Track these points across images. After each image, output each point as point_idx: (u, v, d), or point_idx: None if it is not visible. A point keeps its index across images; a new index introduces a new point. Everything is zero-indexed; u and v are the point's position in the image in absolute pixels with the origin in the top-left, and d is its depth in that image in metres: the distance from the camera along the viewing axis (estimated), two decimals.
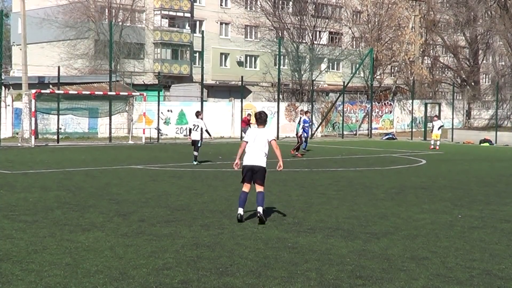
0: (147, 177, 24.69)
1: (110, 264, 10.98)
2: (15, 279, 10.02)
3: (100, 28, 76.32)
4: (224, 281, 9.99)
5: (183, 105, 58.34)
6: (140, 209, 16.81)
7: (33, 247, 12.28)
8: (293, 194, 20.49)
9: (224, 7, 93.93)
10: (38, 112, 48.30)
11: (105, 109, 52.74)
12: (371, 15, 76.04)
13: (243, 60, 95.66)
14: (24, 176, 25.25)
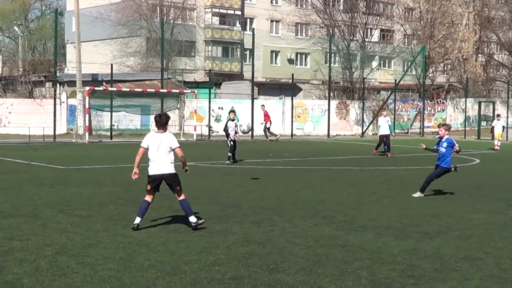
0: (198, 174, 24.78)
1: (163, 259, 11.10)
2: (71, 272, 10.17)
3: (152, 26, 76.70)
4: (275, 278, 10.03)
5: (233, 102, 58.27)
6: (192, 206, 16.89)
7: (87, 241, 12.44)
8: (344, 192, 20.45)
9: (275, 5, 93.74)
10: (92, 109, 48.72)
11: (157, 106, 52.96)
12: (423, 12, 74.74)
13: (293, 57, 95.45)
14: (78, 171, 25.53)
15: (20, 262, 10.75)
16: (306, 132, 59.19)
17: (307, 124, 60.15)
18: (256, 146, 42.86)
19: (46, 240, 12.45)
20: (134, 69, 75.82)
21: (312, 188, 21.33)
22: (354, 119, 63.15)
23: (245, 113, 55.25)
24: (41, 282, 9.61)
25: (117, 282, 9.65)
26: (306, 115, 60.53)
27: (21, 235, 12.95)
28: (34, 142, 42.82)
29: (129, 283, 9.64)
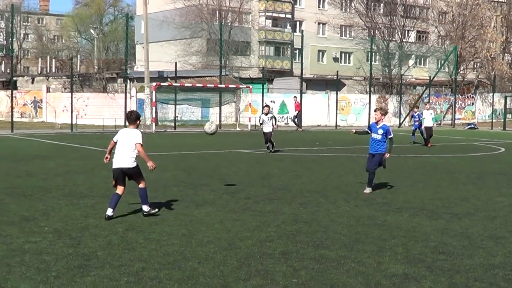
0: (252, 160, 24.85)
1: (220, 235, 11.16)
2: (139, 246, 10.28)
3: (212, 28, 76.98)
4: (320, 253, 10.04)
5: (284, 96, 58.30)
6: (246, 188, 16.95)
7: (153, 219, 12.54)
8: (382, 177, 20.32)
9: (322, 9, 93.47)
10: (158, 102, 49.05)
11: (215, 100, 53.22)
12: (455, 15, 75.07)
13: (338, 56, 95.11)
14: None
15: (95, 237, 10.89)
16: (349, 123, 58.97)
17: (350, 116, 59.96)
18: (304, 135, 42.78)
19: (117, 218, 12.58)
20: (196, 66, 76.16)
21: (354, 173, 21.26)
22: (392, 112, 62.71)
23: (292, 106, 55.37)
24: (113, 255, 9.72)
25: (179, 256, 9.73)
26: (349, 108, 60.35)
27: (95, 213, 13.11)
28: (107, 132, 43.18)
29: (190, 256, 9.70)
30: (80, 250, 9.98)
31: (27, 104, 57.99)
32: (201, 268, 9.08)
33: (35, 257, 9.51)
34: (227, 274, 8.81)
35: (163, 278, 8.54)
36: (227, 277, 8.65)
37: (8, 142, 33.32)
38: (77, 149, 29.36)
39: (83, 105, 52.70)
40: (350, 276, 8.82)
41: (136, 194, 15.11)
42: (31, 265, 9.08)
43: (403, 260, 9.73)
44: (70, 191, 15.69)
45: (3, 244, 10.29)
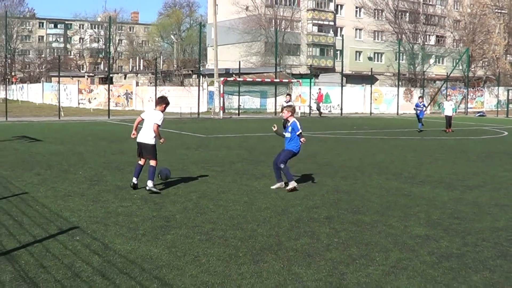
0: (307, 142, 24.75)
1: (275, 203, 11.14)
2: (209, 211, 10.33)
3: (269, 33, 76.83)
4: (357, 218, 9.98)
5: (328, 89, 57.96)
6: (296, 164, 16.88)
7: (221, 189, 12.58)
8: (408, 155, 20.13)
9: (358, 17, 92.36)
10: (225, 94, 49.20)
11: (271, 92, 53.21)
12: (467, 23, 76.65)
13: (372, 56, 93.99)
14: (215, 139, 25.81)
15: (173, 203, 10.96)
16: (381, 111, 58.48)
17: (381, 105, 59.39)
18: (344, 121, 42.51)
19: (192, 188, 12.65)
20: (255, 64, 76.14)
21: (385, 152, 21.05)
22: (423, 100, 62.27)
23: (337, 96, 55.18)
24: (188, 217, 9.78)
25: (242, 219, 9.74)
26: (381, 98, 59.78)
27: (174, 184, 13.19)
28: (184, 118, 43.47)
29: (250, 219, 9.71)
30: (162, 214, 10.06)
31: (120, 96, 58.63)
32: (260, 229, 9.08)
33: (126, 219, 9.62)
34: (280, 234, 8.80)
35: (228, 237, 8.56)
36: (280, 237, 8.64)
37: (106, 126, 33.76)
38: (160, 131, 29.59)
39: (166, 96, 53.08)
40: (381, 237, 8.76)
41: (207, 168, 15.19)
42: (123, 225, 9.19)
43: (424, 224, 9.63)
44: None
45: (102, 208, 10.44)
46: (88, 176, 14.07)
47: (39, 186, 12.63)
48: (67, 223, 9.22)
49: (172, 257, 7.52)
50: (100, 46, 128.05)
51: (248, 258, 7.56)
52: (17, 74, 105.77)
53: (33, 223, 9.20)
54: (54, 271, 6.87)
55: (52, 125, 33.90)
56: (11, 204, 10.63)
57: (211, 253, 7.72)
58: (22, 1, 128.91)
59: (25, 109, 53.94)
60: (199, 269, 7.07)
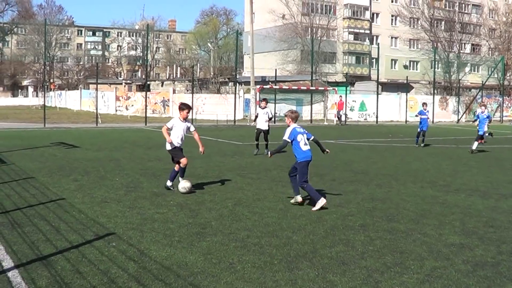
0: (337, 149, 24.64)
1: (310, 210, 11.10)
2: (245, 218, 10.34)
3: (305, 41, 76.80)
4: (392, 226, 9.91)
5: (363, 97, 57.89)
6: (332, 172, 16.85)
7: (257, 196, 12.59)
8: (443, 163, 19.94)
9: (394, 26, 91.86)
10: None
11: (307, 99, 53.24)
12: (502, 31, 76.78)
13: (407, 64, 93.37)
14: (251, 146, 25.80)
15: (209, 210, 11.00)
16: (416, 120, 58.07)
17: None
18: (380, 129, 42.24)
19: (227, 195, 12.68)
20: (292, 72, 76.18)
21: (420, 160, 20.88)
22: (452, 110, 61.79)
23: (372, 104, 54.92)
24: (223, 224, 9.80)
25: (277, 226, 9.73)
26: (417, 107, 59.13)
27: (210, 191, 13.24)
28: (220, 125, 43.65)
29: (285, 227, 9.70)
30: (197, 220, 10.10)
31: (157, 103, 59.09)
32: (295, 236, 9.07)
33: (162, 225, 9.68)
34: (315, 241, 8.78)
35: (264, 244, 8.56)
36: (315, 244, 8.61)
37: (143, 133, 34.05)
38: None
39: (201, 103, 53.42)
40: (416, 245, 8.69)
41: (243, 175, 15.23)
42: (159, 231, 9.24)
43: (459, 232, 9.54)
44: (190, 173, 15.82)
45: (138, 214, 10.51)
46: (124, 183, 14.19)
47: (76, 192, 12.78)
48: (104, 229, 9.31)
49: (207, 264, 7.54)
50: (137, 54, 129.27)
51: (283, 265, 7.55)
52: (56, 81, 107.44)
53: (70, 228, 9.31)
54: (90, 277, 6.94)
55: (89, 132, 34.30)
56: (48, 210, 10.77)
57: (246, 260, 7.73)
58: (61, 9, 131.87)
59: (63, 116, 54.69)
60: (234, 276, 7.08)
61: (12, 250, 8.00)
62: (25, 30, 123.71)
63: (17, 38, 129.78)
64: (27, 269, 7.20)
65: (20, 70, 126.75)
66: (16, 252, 7.91)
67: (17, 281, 6.75)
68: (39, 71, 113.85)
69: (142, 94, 56.26)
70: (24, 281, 6.74)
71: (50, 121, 41.91)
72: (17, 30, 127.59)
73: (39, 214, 10.35)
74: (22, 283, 6.68)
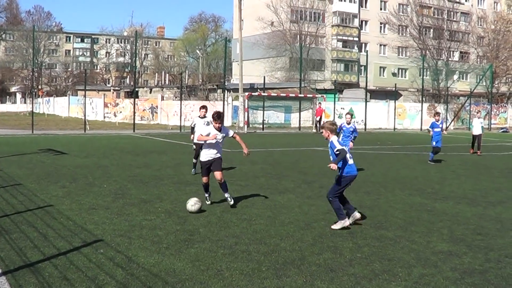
0: (326, 156, 24.57)
1: (298, 217, 11.13)
2: (233, 225, 10.34)
3: (293, 49, 77.03)
4: (380, 233, 9.94)
5: (352, 104, 57.99)
6: (320, 179, 16.89)
7: (245, 203, 12.60)
8: (431, 171, 20.02)
9: (383, 33, 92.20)
10: (250, 108, 49.30)
11: (296, 107, 53.28)
12: (491, 39, 77.69)
13: (396, 71, 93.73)
14: (239, 153, 25.79)
15: (197, 217, 10.99)
16: (404, 127, 58.37)
17: (405, 121, 59.26)
18: (368, 136, 42.33)
19: (215, 202, 12.67)
20: (280, 79, 76.31)
21: (408, 168, 20.96)
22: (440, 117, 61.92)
23: (361, 112, 55.08)
24: (211, 231, 9.80)
25: (265, 233, 9.74)
26: (405, 114, 59.65)
27: (198, 197, 13.20)
28: None
29: (274, 234, 9.71)
30: (185, 227, 10.09)
31: (145, 110, 59.00)
32: (283, 243, 9.08)
33: (150, 232, 9.67)
34: (304, 249, 8.79)
35: (252, 251, 8.56)
36: (304, 251, 8.63)
37: (131, 139, 33.97)
38: (185, 146, 29.67)
39: (190, 110, 53.27)
40: (404, 252, 8.72)
41: (231, 182, 15.20)
42: (147, 238, 9.23)
43: (447, 240, 9.60)
44: (179, 180, 15.88)
45: (126, 221, 10.49)
46: (112, 190, 14.16)
47: (64, 198, 12.74)
48: (92, 236, 9.29)
49: (195, 271, 7.54)
50: (126, 60, 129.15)
51: (271, 272, 7.56)
52: (44, 88, 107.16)
53: (58, 235, 9.28)
54: (78, 284, 6.92)
55: (77, 139, 34.18)
56: (36, 216, 10.73)
57: (234, 267, 7.73)
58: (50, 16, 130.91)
59: (51, 122, 54.49)
60: (222, 283, 7.08)
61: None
62: (13, 36, 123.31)
63: (5, 45, 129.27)
64: (15, 275, 7.19)
65: (8, 77, 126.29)
66: (4, 259, 7.89)
67: (4, 287, 6.72)
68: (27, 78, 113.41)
69: (131, 100, 56.12)
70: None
71: (38, 128, 41.74)
72: (5, 37, 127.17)
73: (26, 220, 10.31)
74: None
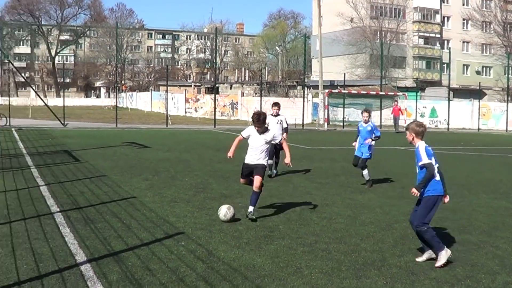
0: (408, 156, 24.26)
1: (379, 218, 10.99)
2: (313, 223, 10.30)
3: (374, 45, 76.34)
4: (463, 237, 9.69)
5: (434, 103, 56.98)
6: (401, 179, 16.64)
7: (325, 201, 12.53)
8: None
9: (466, 30, 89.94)
10: (330, 106, 49.14)
11: (377, 104, 52.73)
12: None
13: (480, 70, 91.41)
14: (319, 151, 25.77)
15: (277, 213, 11.00)
16: (489, 127, 56.75)
17: (490, 121, 57.63)
18: (451, 136, 41.45)
19: (295, 199, 12.66)
20: (360, 77, 75.72)
21: (493, 170, 20.38)
22: None
23: (444, 111, 54.02)
24: (291, 228, 9.79)
25: (345, 232, 9.66)
26: (489, 114, 58.01)
27: (278, 194, 13.26)
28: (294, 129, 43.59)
29: (354, 233, 9.62)
30: (265, 223, 10.12)
31: (226, 105, 59.60)
32: (363, 244, 8.98)
33: (231, 227, 9.74)
34: (384, 250, 8.67)
35: (331, 250, 8.51)
36: (384, 253, 8.51)
37: (211, 135, 34.37)
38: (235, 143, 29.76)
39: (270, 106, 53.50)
40: (488, 258, 8.47)
41: (311, 180, 15.16)
42: (228, 233, 9.30)
43: None
44: None
45: (206, 215, 10.61)
46: (194, 183, 14.35)
47: (147, 191, 13.00)
48: (173, 228, 9.44)
49: (274, 268, 7.55)
50: (206, 57, 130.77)
51: (350, 272, 7.49)
52: (127, 83, 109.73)
53: (141, 226, 9.48)
54: (159, 274, 7.05)
55: (160, 133, 34.84)
56: (120, 207, 11.00)
57: (314, 266, 7.70)
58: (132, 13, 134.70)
59: (134, 117, 55.75)
60: (301, 280, 7.06)
61: (85, 245, 8.23)
62: (97, 33, 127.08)
63: (90, 41, 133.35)
64: (99, 263, 7.39)
65: (93, 72, 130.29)
66: (89, 247, 8.13)
67: (89, 275, 6.94)
68: (111, 73, 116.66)
69: (211, 96, 56.82)
70: (95, 275, 6.92)
71: (121, 122, 42.77)
72: (89, 33, 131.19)
73: (111, 211, 10.59)
74: (94, 277, 6.85)
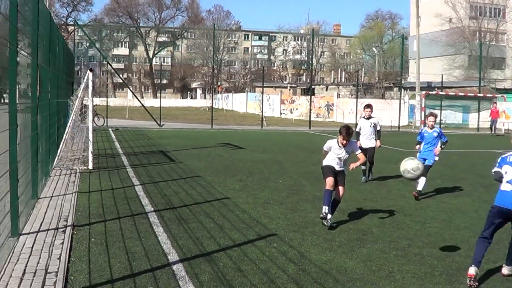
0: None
1: (475, 222, 10.65)
2: (406, 227, 10.16)
3: (472, 46, 74.36)
4: None
5: None
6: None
7: (419, 205, 12.33)
8: None
9: None
10: (426, 107, 48.11)
11: (474, 107, 51.45)
12: None
13: None
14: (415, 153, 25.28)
15: (370, 217, 10.91)
16: None
17: None
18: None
19: (390, 202, 12.52)
20: (458, 78, 73.82)
21: None
22: None
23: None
24: (384, 232, 9.67)
25: (439, 237, 9.47)
26: None
27: (372, 197, 13.14)
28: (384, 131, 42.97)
29: (448, 238, 9.42)
30: (358, 226, 10.05)
31: (321, 107, 59.46)
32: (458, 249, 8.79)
33: (323, 229, 9.73)
34: None
35: (425, 255, 8.37)
36: None
37: (306, 136, 34.37)
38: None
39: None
40: None
41: (405, 182, 14.94)
42: (320, 235, 9.30)
43: None
44: (353, 179, 15.65)
45: (299, 217, 10.64)
46: (287, 185, 14.41)
47: (240, 192, 13.15)
48: (266, 230, 9.51)
49: (366, 271, 7.49)
50: (302, 58, 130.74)
51: (443, 278, 7.35)
52: (223, 84, 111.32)
53: (233, 227, 9.60)
54: (251, 276, 7.12)
55: (254, 134, 35.14)
56: (213, 208, 11.18)
57: (406, 270, 7.60)
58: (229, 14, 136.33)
59: (230, 118, 56.45)
60: (393, 285, 6.98)
61: (177, 245, 8.40)
62: (194, 34, 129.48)
63: (187, 43, 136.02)
64: (191, 263, 7.52)
65: (190, 73, 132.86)
66: (182, 247, 8.30)
67: (181, 274, 7.07)
68: (207, 74, 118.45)
69: (307, 98, 56.82)
70: (187, 275, 7.04)
71: (217, 123, 43.41)
72: (187, 35, 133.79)
73: (204, 211, 10.77)
74: (185, 277, 6.98)
